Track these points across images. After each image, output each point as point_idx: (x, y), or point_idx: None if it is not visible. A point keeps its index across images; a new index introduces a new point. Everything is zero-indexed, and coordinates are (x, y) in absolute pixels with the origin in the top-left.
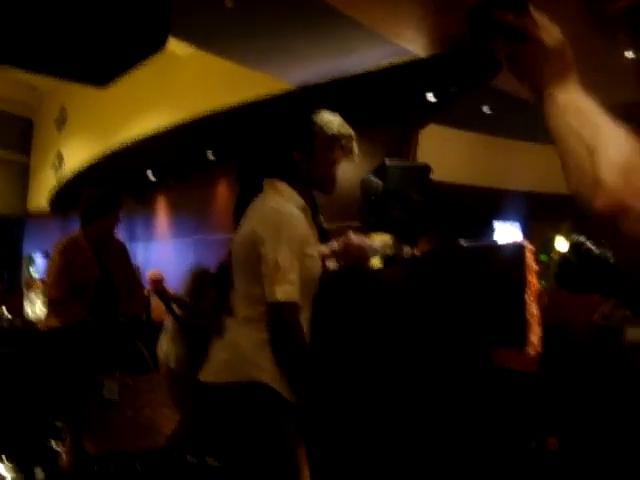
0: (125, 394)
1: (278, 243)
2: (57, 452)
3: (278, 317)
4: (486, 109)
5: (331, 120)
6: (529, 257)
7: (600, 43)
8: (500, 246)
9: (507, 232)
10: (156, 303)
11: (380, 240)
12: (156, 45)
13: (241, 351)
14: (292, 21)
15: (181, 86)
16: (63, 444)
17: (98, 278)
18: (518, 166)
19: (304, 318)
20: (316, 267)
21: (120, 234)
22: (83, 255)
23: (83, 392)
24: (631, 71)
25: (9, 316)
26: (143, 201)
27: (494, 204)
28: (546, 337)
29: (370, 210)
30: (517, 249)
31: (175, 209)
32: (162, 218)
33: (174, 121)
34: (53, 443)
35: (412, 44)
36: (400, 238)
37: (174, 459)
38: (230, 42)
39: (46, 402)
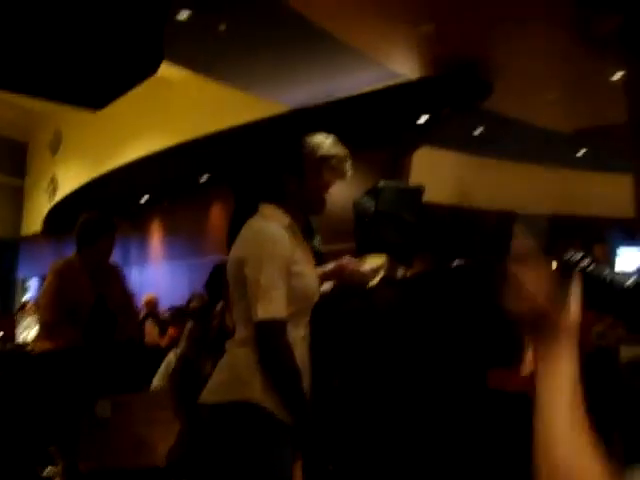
0: (119, 412)
1: (259, 262)
2: (49, 479)
3: (263, 335)
4: (478, 131)
5: (322, 142)
6: None
7: (589, 63)
8: (492, 264)
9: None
10: (150, 327)
11: (370, 263)
12: (149, 69)
13: (236, 371)
14: (284, 44)
15: (175, 110)
16: (56, 469)
17: (93, 302)
18: (508, 186)
19: (299, 336)
20: (308, 284)
21: (114, 258)
22: (78, 279)
23: (75, 415)
24: (619, 91)
25: None
26: (137, 224)
27: (485, 225)
28: None
29: (363, 232)
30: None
31: (169, 232)
32: (156, 241)
33: (168, 145)
34: (47, 469)
35: (404, 67)
36: (395, 259)
37: (169, 478)
38: (223, 66)
39: (38, 427)
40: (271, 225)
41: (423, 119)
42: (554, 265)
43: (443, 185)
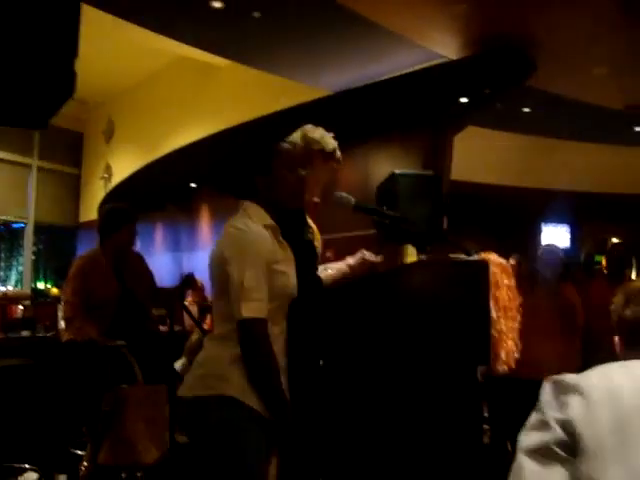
0: (122, 407)
1: (243, 263)
2: (79, 459)
3: (246, 333)
4: (526, 109)
5: (293, 137)
6: (496, 273)
7: (637, 35)
8: (462, 262)
9: (556, 235)
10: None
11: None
12: (67, 92)
13: (213, 366)
14: (320, 30)
15: (222, 97)
16: (84, 451)
17: (119, 296)
18: (564, 166)
19: (278, 331)
20: (288, 282)
21: (165, 243)
22: (101, 273)
23: (96, 403)
24: None
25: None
26: (187, 210)
27: (541, 206)
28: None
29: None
30: (479, 266)
31: (218, 218)
32: (205, 227)
33: (216, 131)
34: (77, 450)
35: (443, 47)
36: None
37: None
38: (261, 52)
39: (68, 410)
40: (252, 225)
41: (464, 100)
42: None
43: (493, 165)
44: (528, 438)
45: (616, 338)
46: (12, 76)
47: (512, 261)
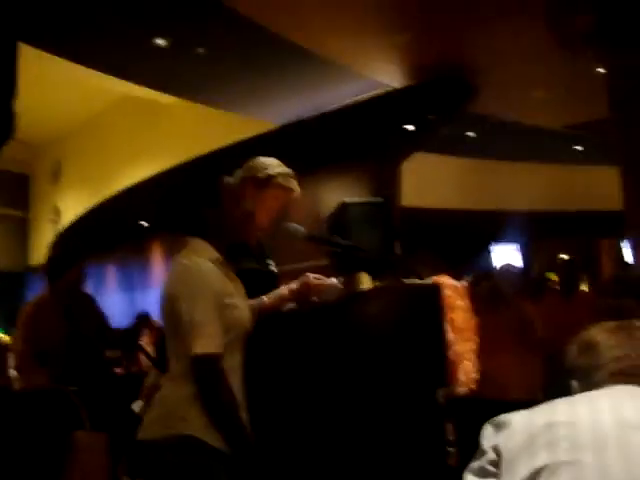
0: (63, 455)
1: (192, 299)
2: None
3: (199, 370)
4: (470, 133)
5: (238, 171)
6: (450, 295)
7: (568, 60)
8: (415, 287)
9: (506, 254)
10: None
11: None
12: (7, 133)
13: (169, 406)
14: (264, 64)
15: (170, 133)
16: None
17: (70, 339)
18: (509, 186)
19: (235, 364)
20: (241, 315)
21: (117, 282)
22: (50, 319)
23: (44, 451)
24: (599, 87)
25: None
26: (139, 249)
27: (490, 227)
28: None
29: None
30: (430, 289)
31: (171, 255)
32: (158, 265)
33: (165, 168)
34: None
35: (386, 77)
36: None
37: None
38: (207, 88)
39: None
40: (199, 260)
41: (410, 127)
42: None
43: (442, 189)
44: (472, 464)
45: (574, 382)
46: None
47: (465, 282)
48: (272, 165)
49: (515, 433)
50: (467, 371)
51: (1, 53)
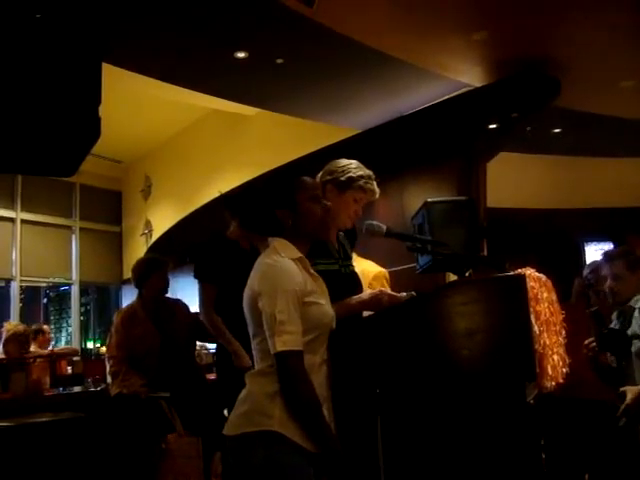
0: (158, 460)
1: (274, 297)
2: None
3: (281, 366)
4: (556, 129)
5: (347, 165)
6: (535, 287)
7: None
8: (499, 278)
9: (599, 253)
10: None
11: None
12: (94, 135)
13: (254, 402)
14: (343, 70)
15: (253, 144)
16: None
17: (161, 346)
18: (599, 183)
19: (318, 362)
20: (324, 313)
21: None
22: (140, 325)
23: (139, 455)
24: None
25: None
26: None
27: (582, 225)
28: None
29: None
30: (516, 280)
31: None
32: None
33: (249, 178)
34: None
35: (466, 76)
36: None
37: None
38: (287, 98)
39: (117, 462)
40: (281, 259)
41: (493, 126)
42: None
43: (530, 189)
44: None
45: None
46: (42, 127)
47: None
48: (352, 167)
49: None
50: (555, 364)
51: (87, 65)
